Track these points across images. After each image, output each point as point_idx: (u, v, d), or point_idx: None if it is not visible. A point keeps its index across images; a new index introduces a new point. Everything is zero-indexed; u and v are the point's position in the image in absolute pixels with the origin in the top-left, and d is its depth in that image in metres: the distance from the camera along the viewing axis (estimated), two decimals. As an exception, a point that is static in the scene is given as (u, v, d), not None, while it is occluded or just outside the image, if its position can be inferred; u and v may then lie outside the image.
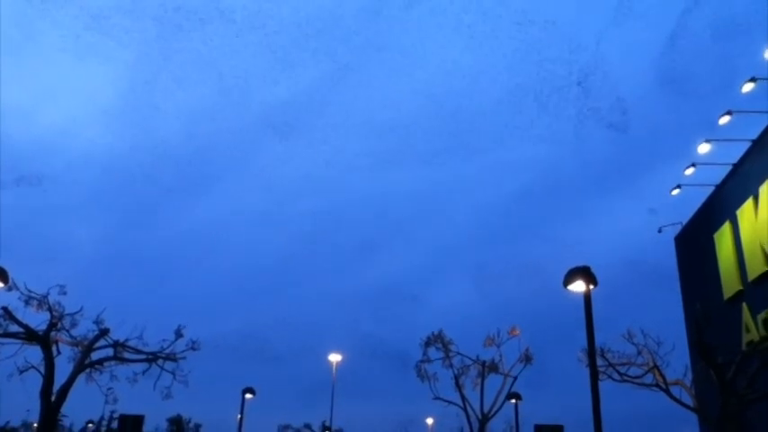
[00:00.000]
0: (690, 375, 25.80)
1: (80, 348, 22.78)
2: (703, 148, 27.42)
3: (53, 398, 21.03)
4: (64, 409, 22.18)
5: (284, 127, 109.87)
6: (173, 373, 23.57)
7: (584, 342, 13.72)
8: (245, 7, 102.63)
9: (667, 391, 23.82)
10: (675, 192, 29.80)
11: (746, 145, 25.44)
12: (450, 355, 29.90)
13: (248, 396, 30.63)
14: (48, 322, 21.73)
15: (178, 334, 23.73)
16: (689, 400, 24.65)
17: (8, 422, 58.91)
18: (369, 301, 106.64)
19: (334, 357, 40.41)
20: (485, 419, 29.35)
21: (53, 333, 21.88)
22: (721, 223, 26.70)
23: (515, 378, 29.47)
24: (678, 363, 25.74)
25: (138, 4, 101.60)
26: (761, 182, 23.61)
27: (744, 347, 22.91)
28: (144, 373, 23.45)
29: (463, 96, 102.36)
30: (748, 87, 24.46)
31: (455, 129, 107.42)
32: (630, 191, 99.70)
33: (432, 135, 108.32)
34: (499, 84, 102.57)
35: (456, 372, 29.75)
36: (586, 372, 13.78)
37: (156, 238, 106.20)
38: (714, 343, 22.20)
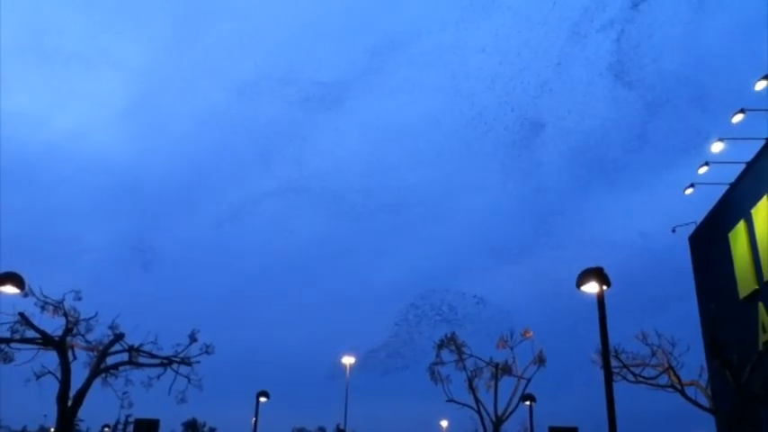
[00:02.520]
0: (705, 376, 25.63)
1: (95, 353, 22.97)
2: (717, 147, 27.20)
3: (69, 402, 21.22)
4: (80, 413, 22.38)
5: (297, 129, 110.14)
6: (187, 377, 23.73)
7: (597, 343, 13.69)
8: (258, 7, 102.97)
9: (682, 392, 23.69)
10: (689, 191, 29.59)
11: (760, 143, 25.22)
12: (464, 357, 29.86)
13: (263, 399, 30.72)
14: (63, 327, 21.94)
15: (192, 338, 23.88)
16: (704, 401, 24.48)
17: (25, 427, 59.51)
18: (380, 303, 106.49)
19: (348, 360, 40.48)
20: (499, 422, 29.29)
21: (69, 338, 22.10)
22: (736, 222, 26.47)
23: (529, 380, 29.40)
24: (693, 363, 25.60)
25: (149, 6, 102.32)
26: (775, 180, 23.41)
27: (760, 347, 22.70)
28: (159, 377, 23.63)
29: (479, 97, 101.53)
30: (761, 85, 24.27)
31: (469, 128, 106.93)
32: (645, 189, 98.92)
33: (446, 134, 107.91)
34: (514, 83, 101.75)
35: (469, 374, 29.72)
36: (601, 373, 13.74)
37: (169, 242, 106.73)
38: (729, 342, 22.06)
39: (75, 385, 21.57)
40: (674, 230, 32.29)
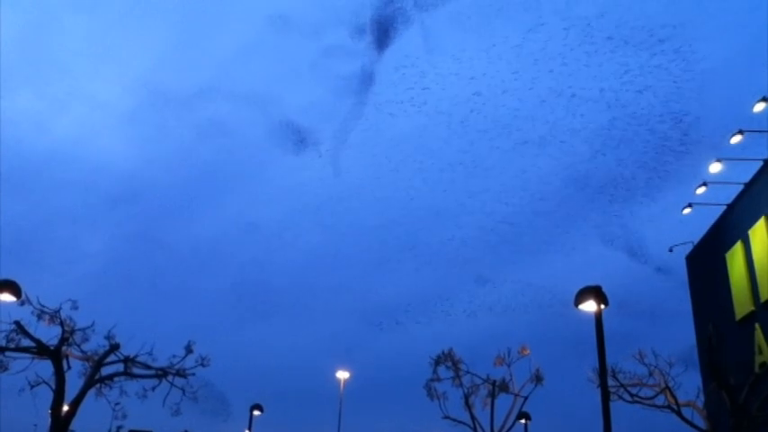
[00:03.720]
0: (702, 397, 25.60)
1: (90, 363, 22.86)
2: (715, 168, 27.36)
3: (63, 413, 21.10)
4: (72, 424, 22.23)
5: (301, 139, 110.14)
6: (182, 389, 23.61)
7: (595, 362, 13.70)
8: (266, 15, 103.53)
9: (679, 413, 23.62)
10: (687, 211, 29.73)
11: (758, 164, 25.40)
12: (460, 374, 29.79)
13: (256, 413, 30.64)
14: (59, 337, 21.85)
15: (188, 350, 23.79)
16: (701, 423, 24.43)
17: (16, 436, 59.04)
18: (378, 317, 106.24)
19: (342, 374, 40.37)
20: (495, 439, 29.16)
21: (64, 348, 21.98)
22: (733, 243, 26.56)
23: (526, 398, 29.33)
24: (690, 384, 25.59)
25: (155, 10, 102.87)
26: (773, 202, 23.54)
27: (756, 369, 22.69)
28: (154, 388, 23.50)
29: (482, 105, 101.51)
30: (760, 107, 24.47)
31: (468, 142, 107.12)
32: (641, 209, 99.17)
33: (446, 148, 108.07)
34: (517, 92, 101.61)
35: (466, 391, 29.63)
36: (597, 392, 13.75)
37: (168, 251, 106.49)
38: (726, 364, 22.05)
39: (70, 395, 21.47)
40: (671, 250, 32.37)
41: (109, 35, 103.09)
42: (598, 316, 12.95)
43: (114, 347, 22.90)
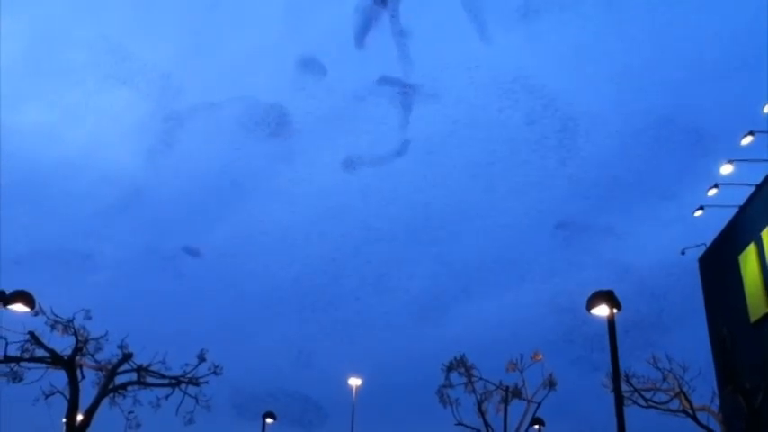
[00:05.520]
0: (717, 401, 25.39)
1: (104, 373, 23.01)
2: (726, 169, 27.21)
3: (77, 422, 21.22)
4: (87, 433, 22.35)
5: (307, 146, 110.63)
6: (195, 397, 23.71)
7: (608, 366, 13.66)
8: (273, 23, 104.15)
9: (694, 418, 23.45)
10: (698, 213, 29.57)
11: (770, 166, 25.26)
12: (473, 380, 29.70)
13: (269, 421, 30.69)
14: (73, 346, 22.01)
15: (201, 358, 23.90)
16: (716, 427, 24.23)
17: (31, 447, 59.36)
18: (388, 324, 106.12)
19: (354, 381, 40.33)
20: (508, 445, 29.03)
21: (78, 357, 22.14)
22: (746, 244, 26.36)
23: (539, 404, 29.19)
24: (705, 388, 25.37)
25: (161, 22, 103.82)
26: (786, 203, 23.38)
27: (772, 372, 22.50)
28: (167, 397, 23.62)
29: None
30: (770, 109, 24.39)
31: (485, 147, 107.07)
32: (654, 211, 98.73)
33: (463, 152, 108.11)
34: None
35: (479, 397, 29.52)
36: (611, 397, 13.67)
37: (177, 259, 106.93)
38: (741, 367, 21.87)
39: (84, 405, 21.61)
40: (683, 252, 32.17)
41: (118, 45, 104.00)
42: (611, 320, 12.90)
43: (127, 357, 23.05)
